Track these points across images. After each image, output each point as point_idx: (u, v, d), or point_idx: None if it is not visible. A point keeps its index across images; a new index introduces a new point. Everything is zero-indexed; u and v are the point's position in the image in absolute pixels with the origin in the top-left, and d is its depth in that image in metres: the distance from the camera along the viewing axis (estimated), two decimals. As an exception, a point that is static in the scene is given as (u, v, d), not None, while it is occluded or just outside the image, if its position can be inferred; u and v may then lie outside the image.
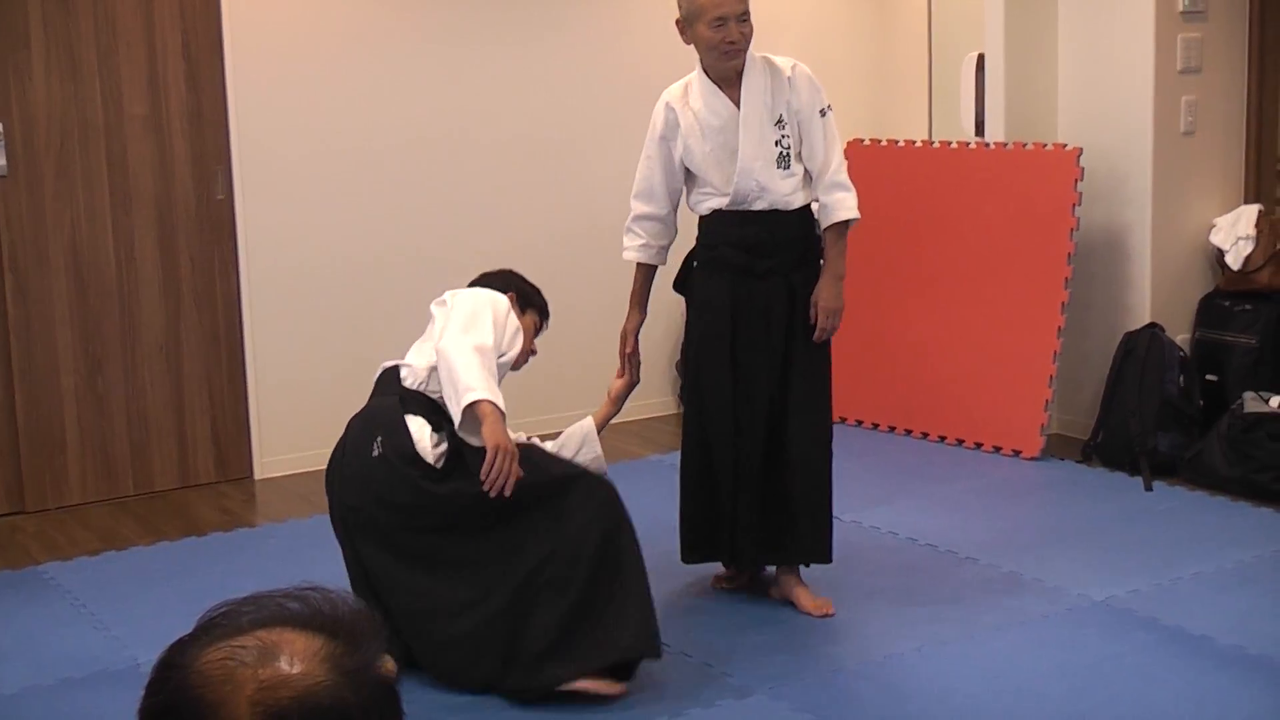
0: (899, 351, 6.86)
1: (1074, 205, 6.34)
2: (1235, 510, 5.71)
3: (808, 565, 4.84)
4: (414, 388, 4.31)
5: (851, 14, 7.84)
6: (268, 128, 6.35)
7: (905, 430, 6.88)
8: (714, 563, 4.95)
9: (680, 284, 4.92)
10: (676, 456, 6.47)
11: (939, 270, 6.77)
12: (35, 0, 5.85)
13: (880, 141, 7.12)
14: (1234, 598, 4.79)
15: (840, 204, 4.70)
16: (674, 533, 5.42)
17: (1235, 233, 6.48)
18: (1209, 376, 6.45)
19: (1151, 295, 6.49)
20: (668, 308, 7.36)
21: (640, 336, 4.94)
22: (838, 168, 4.70)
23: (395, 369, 4.40)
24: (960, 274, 6.70)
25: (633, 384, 4.91)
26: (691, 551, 4.91)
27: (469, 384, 4.06)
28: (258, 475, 6.46)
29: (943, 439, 6.73)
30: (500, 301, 4.35)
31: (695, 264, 4.84)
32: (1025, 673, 4.25)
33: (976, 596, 4.85)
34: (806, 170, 4.70)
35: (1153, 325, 6.35)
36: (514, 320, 4.38)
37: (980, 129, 6.96)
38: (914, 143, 7.03)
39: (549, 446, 4.58)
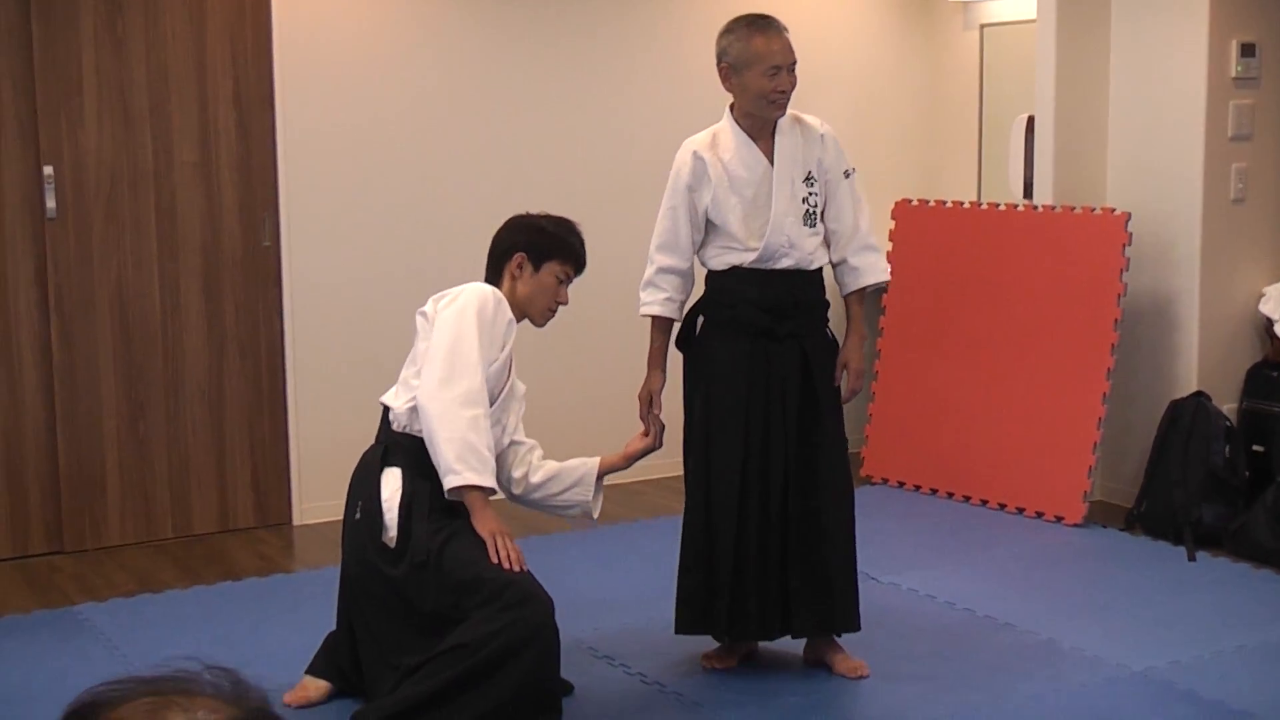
0: (942, 413, 6.82)
1: (1121, 270, 6.30)
2: (1280, 583, 5.64)
3: (838, 635, 4.74)
4: (399, 430, 4.30)
5: (903, 75, 7.83)
6: (315, 175, 6.39)
7: (947, 493, 6.83)
8: (704, 635, 4.79)
9: (683, 341, 4.78)
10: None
11: (984, 332, 6.73)
12: (89, 47, 5.91)
13: (929, 202, 7.10)
14: (1277, 673, 4.71)
15: (873, 267, 4.68)
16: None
17: (1285, 303, 6.44)
18: (1256, 447, 6.38)
19: (1199, 363, 6.43)
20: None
21: (676, 386, 4.80)
22: (868, 230, 4.68)
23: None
24: (1006, 337, 6.66)
25: (653, 448, 4.74)
26: (685, 624, 4.72)
27: (450, 466, 4.07)
28: (296, 521, 6.47)
29: (985, 503, 6.68)
30: (485, 301, 4.22)
31: (702, 320, 4.73)
32: (1061, 743, 4.18)
33: (1012, 664, 4.78)
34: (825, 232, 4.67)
35: (1199, 394, 6.29)
36: (503, 315, 4.25)
37: (1029, 191, 6.93)
38: (962, 204, 7.00)
39: (542, 471, 4.57)
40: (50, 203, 5.89)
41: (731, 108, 4.62)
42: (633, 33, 7.09)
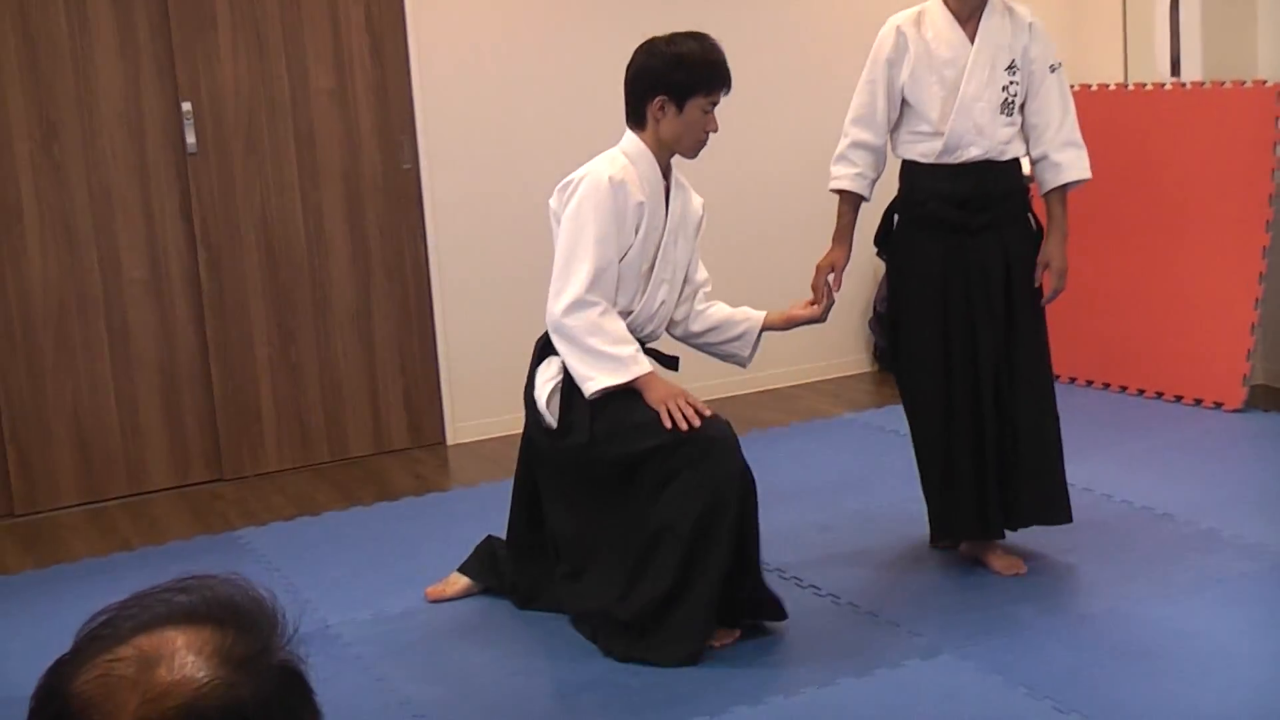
0: (1094, 302, 6.69)
1: (1276, 144, 6.11)
2: None
3: (1056, 525, 4.70)
4: None
5: (1040, -43, 7.64)
6: (451, 97, 6.39)
7: (1103, 383, 6.71)
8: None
9: (881, 239, 4.73)
10: (869, 415, 6.50)
11: (1134, 217, 6.57)
12: (221, -19, 5.96)
13: (1074, 86, 6.92)
14: None
15: (1074, 163, 4.57)
16: (865, 491, 5.41)
17: None
18: None
19: (1359, 236, 6.23)
20: (862, 261, 7.28)
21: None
22: (1072, 125, 4.57)
23: None
24: (1157, 220, 6.50)
25: (818, 319, 4.62)
26: (944, 535, 4.77)
27: (583, 376, 4.13)
28: (450, 440, 6.54)
29: (1141, 392, 6.55)
30: (600, 192, 4.12)
31: (898, 219, 4.68)
32: (1222, 633, 4.09)
33: (1173, 555, 4.70)
34: (1023, 124, 4.56)
35: (1362, 268, 6.10)
36: (625, 199, 4.14)
37: (1176, 68, 6.73)
38: (1108, 86, 6.83)
39: (704, 319, 4.53)
40: (190, 138, 5.96)
41: None
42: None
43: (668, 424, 4.06)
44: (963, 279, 4.52)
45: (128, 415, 6.01)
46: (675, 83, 4.17)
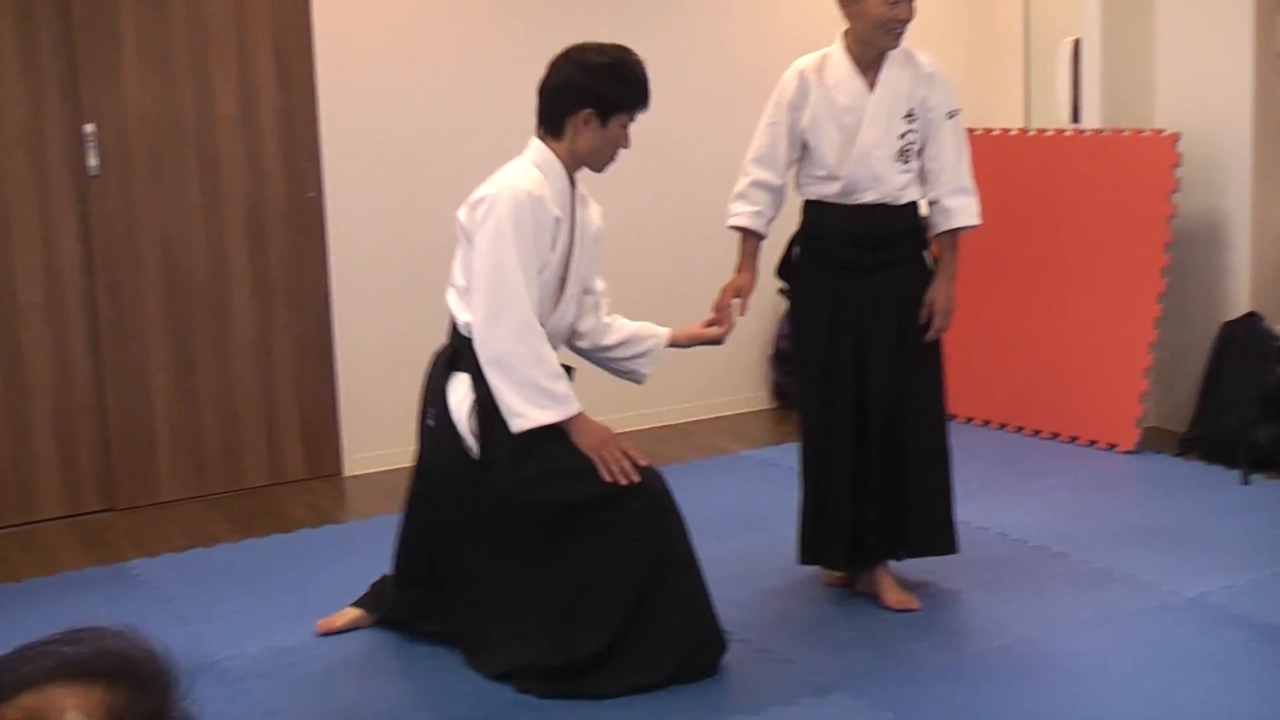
0: (993, 344, 6.76)
1: (1171, 192, 6.22)
2: (1338, 504, 5.57)
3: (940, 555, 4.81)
4: (467, 334, 4.15)
5: (948, 1, 7.73)
6: (357, 124, 6.37)
7: (1000, 424, 6.78)
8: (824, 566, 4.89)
9: (782, 269, 4.80)
10: (767, 452, 6.51)
11: (1033, 260, 6.66)
12: (128, 2, 5.89)
13: (975, 130, 7.01)
14: (1333, 595, 4.66)
15: (964, 209, 4.66)
16: (760, 528, 5.42)
17: (1339, 219, 6.33)
18: (1312, 367, 6.29)
19: (1251, 284, 6.34)
20: (763, 300, 7.31)
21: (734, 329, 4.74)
22: (965, 172, 4.66)
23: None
24: (1055, 264, 6.59)
25: (717, 340, 4.62)
26: (811, 556, 4.82)
27: (514, 409, 4.01)
28: (347, 472, 6.49)
29: (1037, 433, 6.63)
30: (520, 209, 3.99)
31: (797, 252, 4.75)
32: (1113, 671, 4.14)
33: (1066, 593, 4.75)
34: (921, 168, 4.64)
35: (1252, 314, 6.21)
36: (544, 216, 4.03)
37: (1077, 115, 6.84)
38: (1010, 131, 6.91)
39: (612, 334, 4.46)
40: (93, 160, 5.89)
41: (845, 34, 4.59)
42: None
43: (605, 476, 4.01)
44: (855, 315, 4.61)
45: (18, 442, 5.90)
46: (605, 97, 4.12)
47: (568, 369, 4.28)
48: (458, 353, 4.18)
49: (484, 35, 6.63)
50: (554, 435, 4.05)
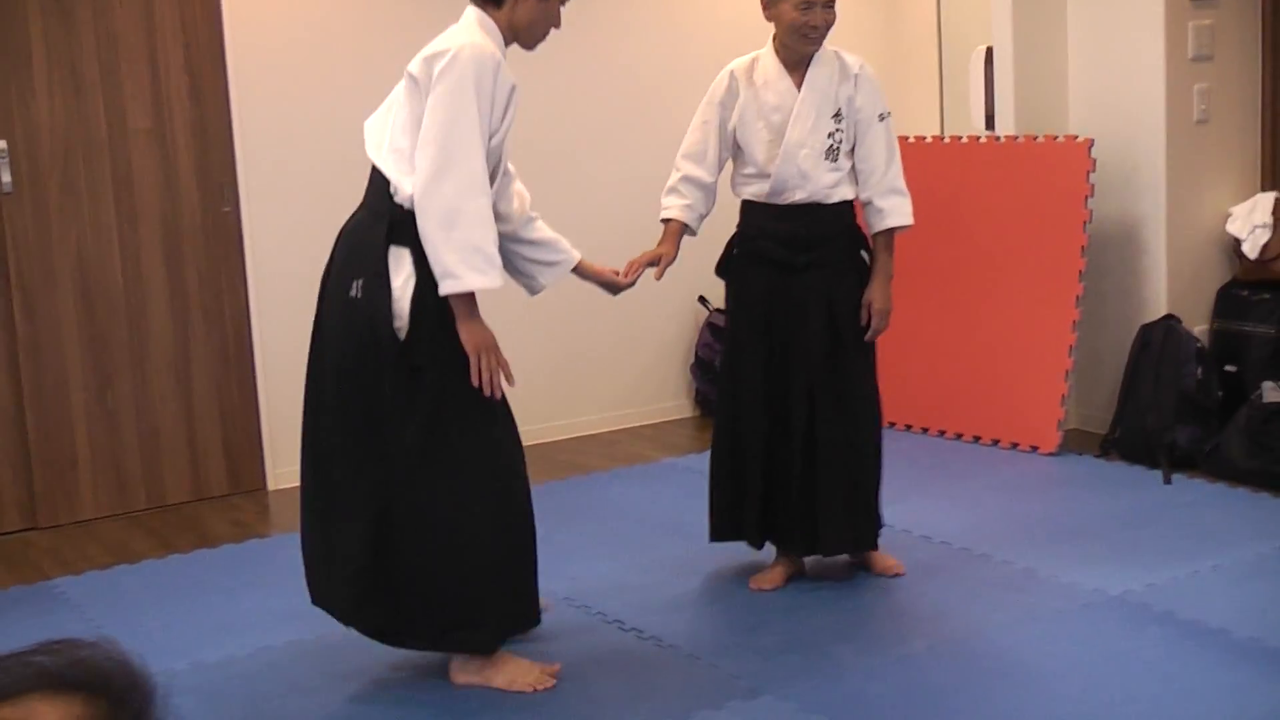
0: (913, 348, 6.80)
1: (1087, 197, 6.28)
2: (1255, 502, 5.63)
3: (863, 551, 4.93)
4: (407, 207, 3.89)
5: (860, 10, 7.78)
6: (273, 139, 6.33)
7: (921, 428, 6.82)
8: (739, 541, 4.95)
9: (721, 269, 4.88)
10: (690, 460, 6.54)
11: (951, 266, 6.70)
12: (36, 17, 5.84)
13: (891, 138, 7.06)
14: (1253, 590, 4.72)
15: (896, 210, 4.75)
16: (684, 534, 5.41)
17: (1252, 221, 6.41)
18: (1228, 367, 6.36)
19: (1168, 286, 6.42)
20: (685, 312, 7.33)
21: (654, 337, 4.80)
22: (896, 173, 4.75)
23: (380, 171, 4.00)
24: (973, 269, 6.64)
25: (620, 286, 4.56)
26: (717, 532, 4.94)
27: (449, 269, 3.78)
28: (271, 486, 6.45)
29: (959, 436, 6.68)
30: (483, 69, 3.82)
31: (735, 251, 4.84)
32: (1039, 670, 4.16)
33: (990, 593, 4.78)
34: (853, 167, 4.72)
35: (1169, 317, 6.28)
36: (505, 81, 3.87)
37: (991, 122, 6.90)
38: (925, 138, 6.96)
39: (534, 230, 4.33)
40: (5, 176, 5.83)
41: (774, 36, 4.71)
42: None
43: (476, 378, 3.87)
44: (783, 313, 4.71)
45: (-64, 462, 5.83)
46: None
47: None
48: (395, 226, 3.91)
49: (400, 43, 6.58)
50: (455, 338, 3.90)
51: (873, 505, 4.86)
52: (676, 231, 4.77)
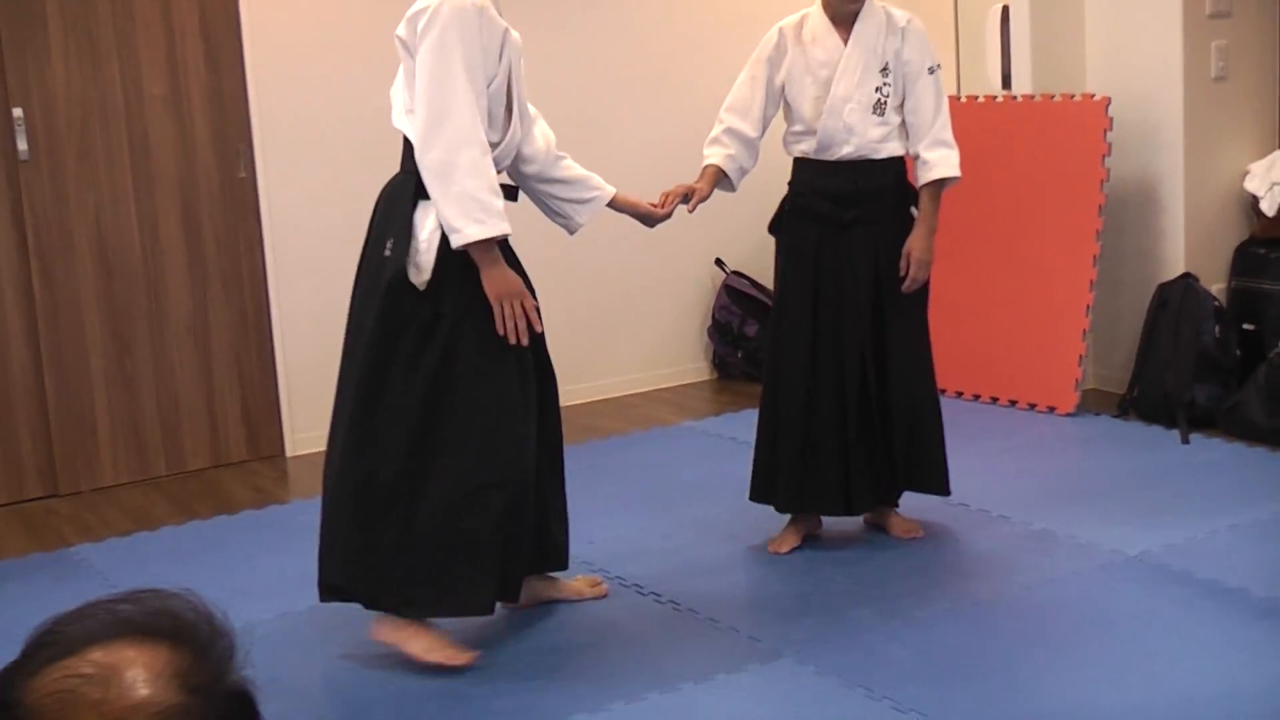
0: (931, 311, 6.76)
1: (1104, 156, 6.26)
2: (1274, 461, 5.63)
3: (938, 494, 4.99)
4: None
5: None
6: (288, 104, 6.33)
7: (939, 389, 6.80)
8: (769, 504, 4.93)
9: (774, 227, 4.91)
10: (709, 423, 6.54)
11: (969, 227, 6.68)
12: (51, -16, 5.84)
13: (907, 98, 7.03)
14: (1271, 549, 4.72)
15: (943, 161, 4.76)
16: (704, 498, 5.43)
17: (1270, 178, 6.37)
18: (1246, 325, 6.34)
19: (1185, 245, 6.40)
20: (702, 275, 7.33)
21: (672, 301, 4.80)
22: (943, 125, 4.77)
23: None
24: (990, 229, 6.62)
25: (656, 218, 4.54)
26: (754, 493, 4.94)
27: (451, 224, 3.85)
28: (289, 452, 6.46)
29: (977, 397, 6.67)
30: (464, 17, 3.83)
31: (786, 208, 4.87)
32: (1057, 630, 4.18)
33: (1009, 555, 4.79)
34: (903, 123, 4.75)
35: (1187, 275, 6.26)
36: (490, 24, 3.89)
37: (1007, 82, 6.87)
38: (941, 98, 6.93)
39: (562, 169, 4.33)
40: (22, 144, 5.84)
41: None
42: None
43: (500, 327, 3.93)
44: (833, 270, 4.74)
45: (-44, 430, 5.86)
46: None
47: (512, 188, 4.21)
48: (422, 183, 3.97)
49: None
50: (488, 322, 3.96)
51: (942, 452, 4.93)
52: (715, 174, 4.76)
